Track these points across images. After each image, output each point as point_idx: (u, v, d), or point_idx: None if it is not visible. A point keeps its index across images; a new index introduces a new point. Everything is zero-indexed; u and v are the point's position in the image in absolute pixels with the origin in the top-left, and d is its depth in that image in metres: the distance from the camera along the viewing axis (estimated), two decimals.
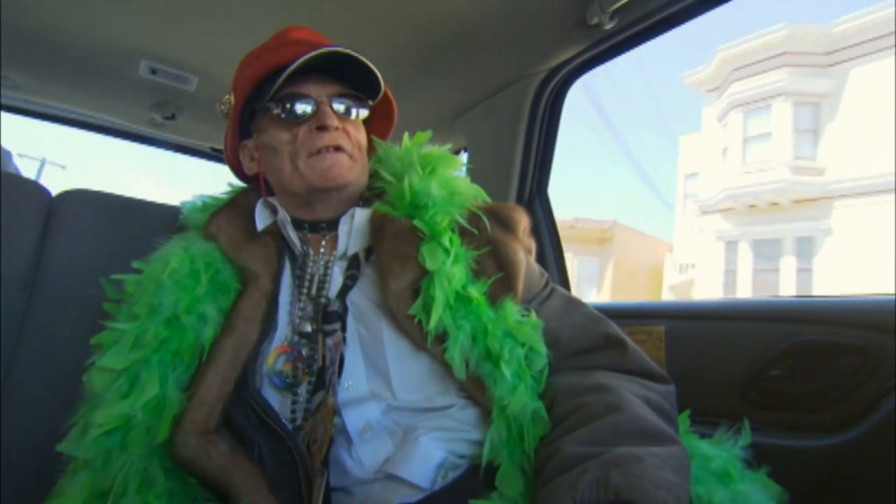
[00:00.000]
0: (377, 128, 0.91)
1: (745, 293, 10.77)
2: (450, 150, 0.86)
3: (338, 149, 0.78)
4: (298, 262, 0.80)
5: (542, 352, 0.71)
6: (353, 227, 0.80)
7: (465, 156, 1.64)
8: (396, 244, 0.75)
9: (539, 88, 1.40)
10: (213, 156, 2.22)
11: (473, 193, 0.83)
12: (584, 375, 0.70)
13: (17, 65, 1.58)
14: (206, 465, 0.67)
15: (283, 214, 0.81)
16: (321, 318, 0.75)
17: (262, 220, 0.83)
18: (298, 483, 0.66)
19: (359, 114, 0.83)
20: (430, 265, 0.72)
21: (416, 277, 0.73)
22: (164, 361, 0.71)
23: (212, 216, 0.84)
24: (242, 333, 0.74)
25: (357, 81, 0.83)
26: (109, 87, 1.70)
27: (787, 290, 10.21)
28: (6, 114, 1.86)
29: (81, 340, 0.75)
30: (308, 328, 0.75)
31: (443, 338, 0.70)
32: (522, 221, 0.82)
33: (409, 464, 0.67)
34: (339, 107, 0.80)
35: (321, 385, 0.72)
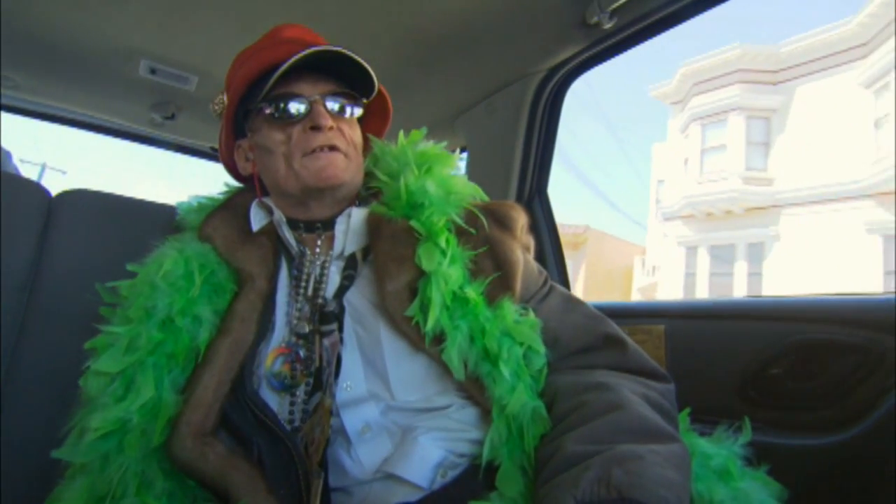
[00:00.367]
0: (373, 126, 0.90)
1: (703, 294, 11.69)
2: (448, 150, 0.85)
3: (332, 148, 0.78)
4: (295, 263, 0.80)
5: (541, 351, 0.70)
6: (350, 227, 0.79)
7: (465, 155, 1.64)
8: (393, 245, 0.75)
9: (539, 88, 1.40)
10: (213, 156, 2.21)
11: (470, 192, 0.82)
12: (584, 374, 0.70)
13: (17, 64, 1.57)
14: (204, 467, 0.67)
15: (279, 215, 0.81)
16: (318, 319, 0.75)
17: (258, 221, 0.82)
18: (297, 484, 0.66)
19: (353, 112, 0.83)
20: (427, 266, 0.71)
21: (413, 278, 0.72)
22: (160, 364, 0.71)
23: (207, 217, 0.84)
24: (238, 335, 0.74)
25: (351, 79, 0.82)
26: (109, 87, 1.70)
27: (740, 293, 11.10)
28: (7, 116, 1.86)
29: (81, 341, 0.75)
30: (305, 329, 0.75)
31: (440, 338, 0.69)
32: (520, 220, 0.82)
33: (408, 463, 0.66)
34: (333, 105, 0.80)
35: (319, 386, 0.72)
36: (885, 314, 0.91)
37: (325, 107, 0.78)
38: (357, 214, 0.80)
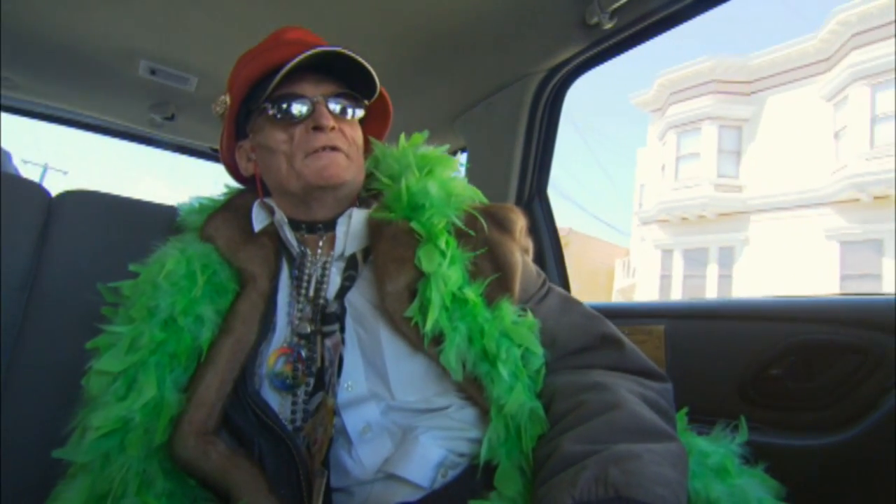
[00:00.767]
0: (374, 127, 0.91)
1: (677, 296, 12.35)
2: (449, 151, 0.86)
3: (334, 149, 0.78)
4: (296, 263, 0.80)
5: (539, 352, 0.71)
6: (351, 228, 0.80)
7: (465, 156, 1.64)
8: (393, 246, 0.75)
9: (538, 88, 1.40)
10: (213, 156, 2.22)
11: (470, 194, 0.83)
12: (582, 374, 0.70)
13: (17, 65, 1.57)
14: (206, 466, 0.67)
15: (280, 215, 0.81)
16: (320, 320, 0.75)
17: (259, 221, 0.83)
18: (299, 483, 0.66)
19: (355, 113, 0.83)
20: (427, 267, 0.72)
21: (413, 279, 0.73)
22: (162, 363, 0.71)
23: (209, 218, 0.84)
24: (240, 335, 0.74)
25: (353, 81, 0.82)
26: (109, 88, 1.70)
27: (712, 294, 11.57)
28: (8, 118, 1.86)
29: (82, 341, 0.75)
30: (307, 329, 0.75)
31: (439, 339, 0.70)
32: (519, 222, 0.82)
33: (409, 463, 0.67)
34: (335, 107, 0.80)
35: (320, 386, 0.72)
36: (885, 315, 0.91)
37: (328, 107, 0.79)
38: (358, 215, 0.80)
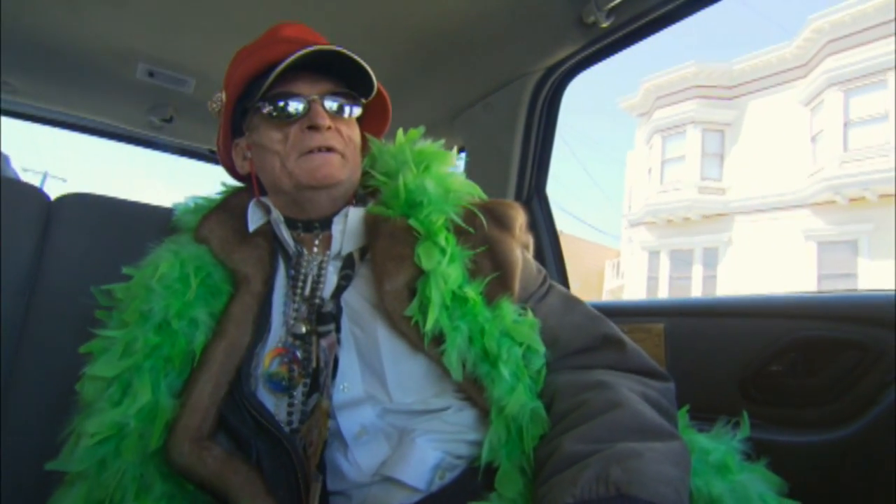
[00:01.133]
0: (372, 126, 0.89)
1: (664, 296, 12.09)
2: (445, 148, 0.84)
3: (329, 150, 0.77)
4: (292, 263, 0.79)
5: (540, 351, 0.70)
6: (347, 227, 0.79)
7: (463, 155, 1.64)
8: (391, 244, 0.74)
9: (536, 87, 1.40)
10: (212, 158, 2.21)
11: (469, 190, 0.82)
12: (583, 373, 0.69)
13: (15, 68, 1.57)
14: (202, 472, 0.66)
15: (277, 214, 0.80)
16: (315, 319, 0.74)
17: (255, 221, 0.82)
18: (297, 486, 0.66)
19: (352, 112, 0.82)
20: (426, 265, 0.71)
21: (412, 277, 0.72)
22: (156, 368, 0.70)
23: (203, 219, 0.83)
24: (233, 338, 0.73)
25: (350, 79, 0.81)
26: (107, 90, 1.69)
27: (697, 294, 11.71)
28: (8, 125, 1.86)
29: (81, 344, 0.75)
30: (302, 329, 0.75)
31: (439, 339, 0.69)
32: (519, 218, 0.81)
33: (406, 466, 0.66)
34: (332, 105, 0.79)
35: (316, 387, 0.71)
36: (885, 310, 0.90)
37: (324, 106, 0.77)
38: (354, 214, 0.79)
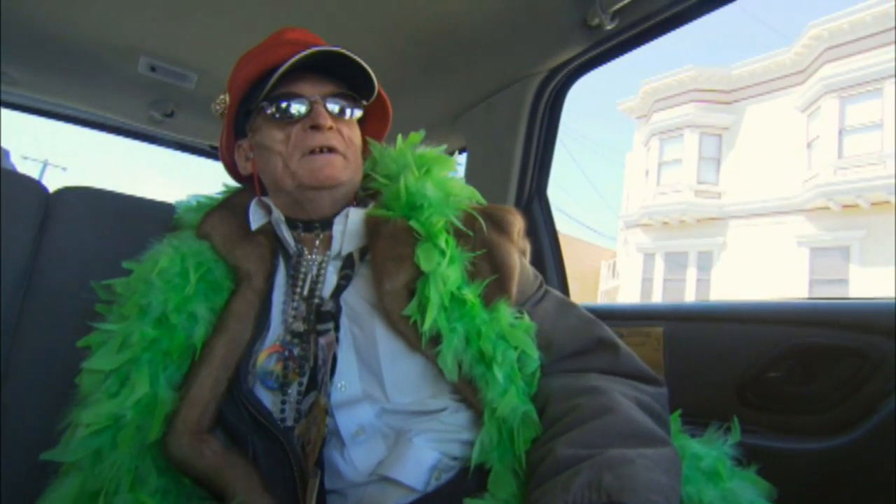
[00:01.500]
0: (372, 128, 0.91)
1: (658, 299, 12.57)
2: (448, 150, 0.86)
3: (331, 150, 0.78)
4: (292, 262, 0.80)
5: (534, 355, 0.71)
6: (348, 227, 0.79)
7: (465, 156, 1.63)
8: (392, 244, 0.75)
9: (539, 88, 1.39)
10: (212, 154, 2.21)
11: (468, 195, 0.83)
12: (577, 378, 0.70)
13: (16, 60, 1.57)
14: (200, 465, 0.67)
15: (278, 214, 0.81)
16: (314, 318, 0.75)
17: (257, 220, 0.82)
18: (293, 483, 0.66)
19: (353, 114, 0.83)
20: (426, 266, 0.71)
21: (412, 278, 0.73)
22: (155, 361, 0.71)
23: (206, 215, 0.84)
24: (235, 333, 0.74)
25: (352, 81, 0.82)
26: (108, 84, 1.69)
27: (690, 297, 11.99)
28: (7, 114, 1.85)
29: (79, 338, 0.75)
30: (300, 327, 0.75)
31: (437, 340, 0.69)
32: (517, 224, 0.82)
33: (403, 466, 0.66)
34: (334, 107, 0.80)
35: (314, 385, 0.71)
36: (884, 318, 0.90)
37: (326, 108, 0.79)
38: (355, 215, 0.80)
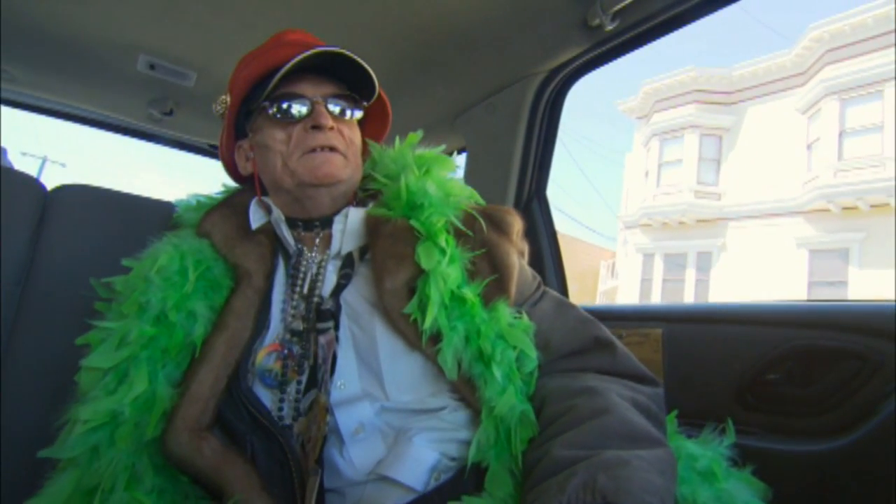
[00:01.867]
0: (372, 129, 0.91)
1: (657, 299, 12.70)
2: (447, 150, 0.86)
3: (332, 149, 0.79)
4: (292, 261, 0.80)
5: (533, 355, 0.71)
6: (347, 227, 0.80)
7: (464, 156, 1.63)
8: (392, 243, 0.75)
9: (539, 89, 1.39)
10: (211, 152, 2.21)
11: (468, 195, 0.83)
12: (574, 378, 0.70)
13: (15, 58, 1.57)
14: (199, 462, 0.67)
15: (278, 213, 0.81)
16: (314, 317, 0.75)
17: (257, 219, 0.83)
18: (291, 481, 0.66)
19: (353, 114, 0.84)
20: (426, 264, 0.72)
21: (412, 276, 0.73)
22: (154, 358, 0.71)
23: (206, 214, 0.84)
24: (234, 331, 0.74)
25: (352, 82, 0.83)
26: (107, 82, 1.69)
27: (689, 298, 12.03)
28: (6, 111, 1.85)
29: (77, 336, 0.75)
30: (300, 326, 0.75)
31: (437, 338, 0.69)
32: (516, 224, 0.82)
33: (402, 465, 0.66)
34: (335, 108, 0.81)
35: (314, 383, 0.72)
36: (884, 321, 0.90)
37: (327, 108, 0.79)
38: (354, 214, 0.80)
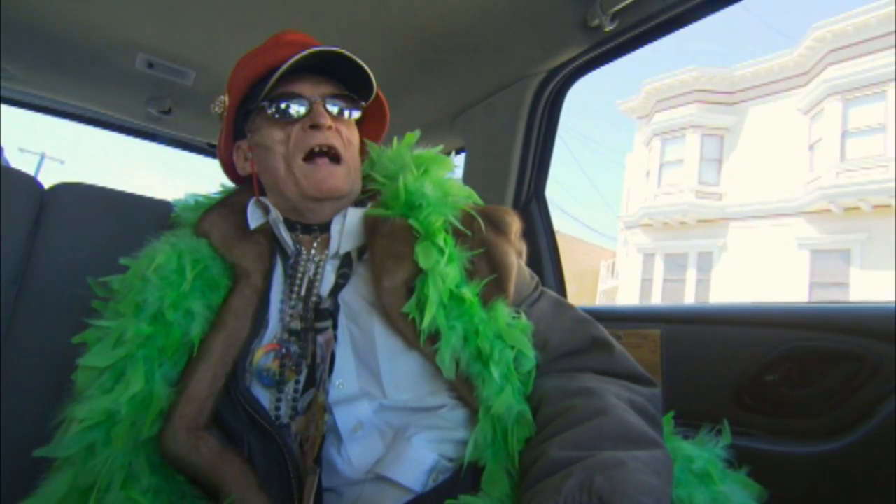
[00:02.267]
0: (370, 129, 0.91)
1: (657, 300, 12.68)
2: (446, 150, 0.87)
3: (331, 150, 0.79)
4: (290, 262, 0.80)
5: (531, 355, 0.71)
6: (346, 226, 0.80)
7: (463, 156, 1.63)
8: (391, 242, 0.75)
9: (539, 89, 1.39)
10: (210, 151, 2.21)
11: (466, 195, 0.83)
12: (571, 378, 0.70)
13: (14, 56, 1.57)
14: (197, 461, 0.66)
15: (276, 214, 0.81)
16: (312, 316, 0.75)
17: (255, 219, 0.83)
18: (289, 481, 0.66)
19: (351, 114, 0.84)
20: (425, 264, 0.72)
21: (411, 276, 0.73)
22: (151, 357, 0.71)
23: (204, 213, 0.84)
24: (232, 330, 0.74)
25: (351, 82, 0.83)
26: (106, 80, 1.69)
27: (689, 298, 11.98)
28: (5, 108, 1.85)
29: (73, 334, 0.75)
30: (298, 325, 0.75)
31: (435, 338, 0.69)
32: (514, 225, 0.82)
33: (401, 466, 0.66)
34: (333, 107, 0.81)
35: (312, 383, 0.72)
36: (882, 322, 0.90)
37: (325, 107, 0.79)
38: (353, 214, 0.80)
